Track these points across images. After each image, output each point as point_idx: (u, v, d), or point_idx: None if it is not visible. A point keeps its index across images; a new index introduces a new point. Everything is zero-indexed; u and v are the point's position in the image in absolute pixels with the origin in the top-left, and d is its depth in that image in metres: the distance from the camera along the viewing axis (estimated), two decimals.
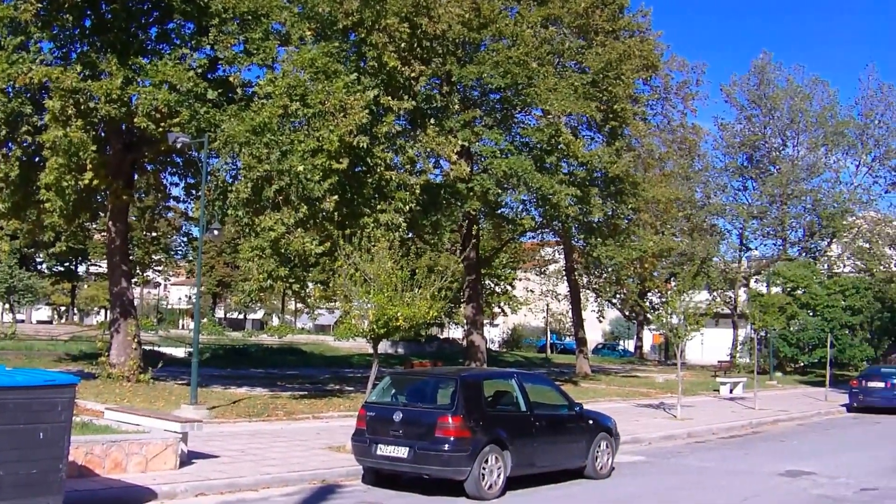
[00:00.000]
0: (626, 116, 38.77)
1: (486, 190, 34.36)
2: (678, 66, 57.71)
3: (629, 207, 41.46)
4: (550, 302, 79.02)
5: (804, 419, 33.49)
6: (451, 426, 14.83)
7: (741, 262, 68.49)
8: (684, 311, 30.71)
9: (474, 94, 37.54)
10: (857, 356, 57.41)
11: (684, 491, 17.11)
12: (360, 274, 21.46)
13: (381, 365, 26.66)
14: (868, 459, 22.30)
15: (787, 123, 65.29)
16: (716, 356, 71.84)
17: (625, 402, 34.51)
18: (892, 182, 66.22)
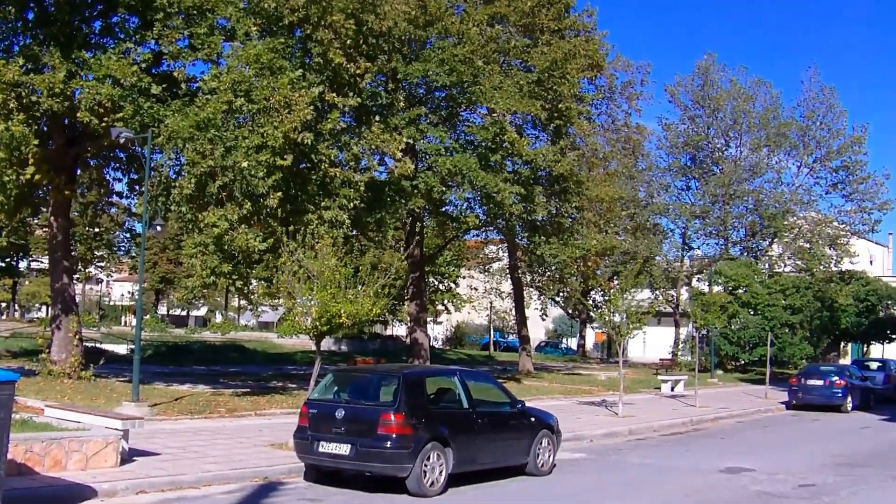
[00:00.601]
0: (571, 115, 38.97)
1: (430, 188, 34.42)
2: (623, 66, 58.13)
3: (573, 206, 41.70)
4: (494, 300, 79.24)
5: (744, 417, 33.88)
6: (393, 423, 14.86)
7: (683, 261, 68.97)
8: (626, 309, 30.92)
9: (420, 91, 37.58)
10: (796, 354, 58.15)
11: (625, 488, 17.25)
12: (303, 271, 21.42)
13: (325, 362, 26.63)
14: (806, 456, 22.61)
15: (730, 124, 65.76)
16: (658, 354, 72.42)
17: (567, 400, 34.68)
18: (833, 183, 66.89)
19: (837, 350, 78.26)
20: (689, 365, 54.39)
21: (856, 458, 22.50)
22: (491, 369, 45.06)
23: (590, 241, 45.73)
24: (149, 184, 25.99)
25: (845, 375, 38.49)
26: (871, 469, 20.65)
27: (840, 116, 65.25)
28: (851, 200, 65.93)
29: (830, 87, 65.97)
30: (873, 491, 17.60)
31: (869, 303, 68.77)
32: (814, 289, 60.95)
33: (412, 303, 42.86)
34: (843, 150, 64.60)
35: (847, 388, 37.35)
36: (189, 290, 30.38)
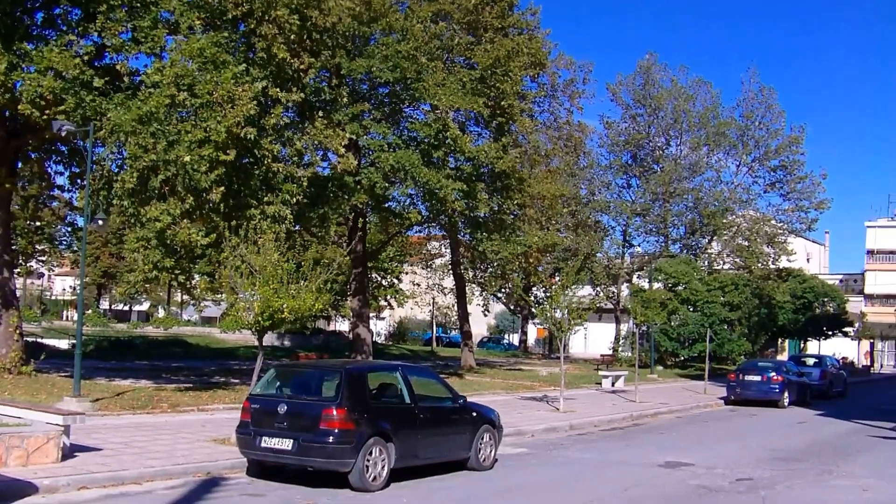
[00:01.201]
0: (514, 113, 39.13)
1: (373, 183, 34.43)
2: (565, 65, 58.50)
3: (515, 203, 41.87)
4: (436, 295, 79.31)
5: (683, 412, 34.26)
6: (335, 418, 14.92)
7: (624, 257, 69.45)
8: (568, 305, 31.14)
9: (363, 87, 37.56)
10: (735, 350, 58.85)
11: (566, 482, 17.43)
12: (245, 266, 21.40)
13: (268, 357, 26.59)
14: (743, 451, 22.99)
15: (670, 123, 66.41)
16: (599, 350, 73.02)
17: (509, 395, 34.84)
18: (771, 182, 67.81)
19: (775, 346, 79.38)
20: (629, 361, 54.86)
21: (792, 453, 22.87)
22: (433, 365, 45.12)
23: (531, 237, 45.95)
24: (90, 177, 25.74)
25: (782, 371, 39.11)
26: (807, 463, 21.01)
27: (778, 117, 66.34)
28: (789, 199, 66.98)
29: (769, 88, 67.02)
30: (808, 485, 17.93)
31: (806, 300, 69.93)
32: (752, 286, 61.78)
33: (355, 298, 42.81)
34: (781, 149, 65.61)
35: (784, 384, 37.96)
36: (131, 285, 30.27)
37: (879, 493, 17.18)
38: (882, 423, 31.72)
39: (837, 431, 29.48)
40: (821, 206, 66.23)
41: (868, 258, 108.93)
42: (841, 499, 16.58)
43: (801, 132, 66.08)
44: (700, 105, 66.21)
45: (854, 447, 24.98)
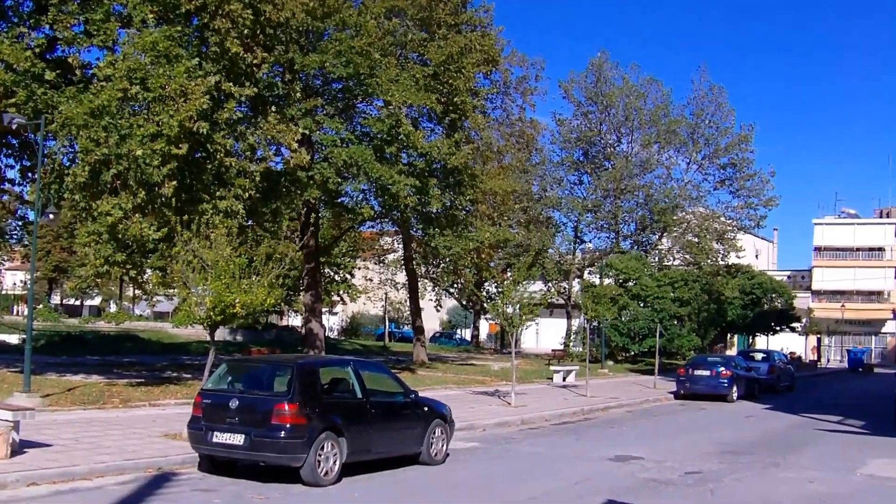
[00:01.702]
0: (466, 109, 39.24)
1: (326, 178, 34.40)
2: (518, 62, 58.70)
3: (467, 199, 41.98)
4: (389, 291, 79.33)
5: (634, 406, 34.52)
6: (287, 413, 14.95)
7: (575, 253, 69.80)
8: (519, 300, 31.31)
9: (316, 82, 37.53)
10: (684, 345, 59.39)
11: (517, 476, 17.55)
12: (197, 261, 21.34)
13: (220, 352, 26.59)
14: (693, 444, 23.24)
15: (621, 120, 66.84)
16: (550, 345, 73.28)
17: (460, 390, 34.96)
18: (721, 179, 68.45)
19: (724, 341, 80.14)
20: (580, 355, 55.14)
21: (740, 446, 23.15)
22: (385, 360, 45.20)
23: (483, 233, 46.08)
24: (41, 171, 25.55)
25: (731, 366, 39.51)
26: (755, 456, 21.29)
27: (728, 115, 67.16)
28: (738, 196, 67.66)
29: (719, 87, 67.74)
30: (756, 477, 18.16)
31: (754, 296, 70.67)
32: (701, 282, 62.35)
33: (307, 293, 42.76)
34: (730, 147, 66.34)
35: (733, 379, 38.35)
36: (82, 280, 30.03)
37: (825, 485, 17.44)
38: (828, 416, 32.20)
39: (785, 425, 29.89)
40: (769, 203, 67.02)
41: (815, 255, 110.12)
42: (787, 491, 16.78)
43: (750, 130, 66.94)
44: (651, 103, 66.83)
45: (801, 440, 25.35)
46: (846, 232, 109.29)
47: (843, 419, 31.50)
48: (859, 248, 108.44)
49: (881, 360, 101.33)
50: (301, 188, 33.94)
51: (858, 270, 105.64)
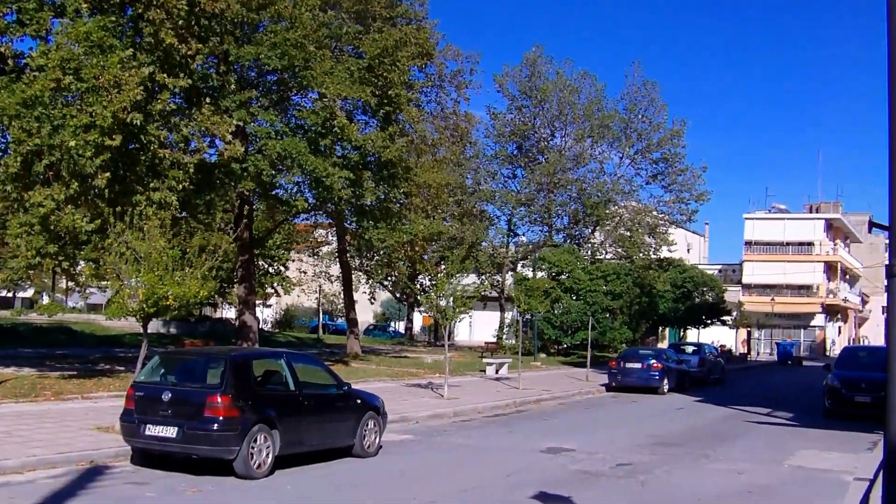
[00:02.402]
0: (401, 102, 39.26)
1: (260, 171, 34.26)
2: (453, 56, 58.89)
3: (401, 191, 42.05)
4: (323, 283, 79.19)
5: (566, 398, 34.81)
6: (219, 406, 14.99)
7: (509, 247, 70.11)
8: (453, 293, 31.51)
9: (251, 74, 37.34)
10: (616, 338, 59.90)
11: (449, 468, 17.73)
12: (130, 252, 21.30)
13: (153, 345, 26.49)
14: (624, 436, 23.56)
15: (555, 115, 67.24)
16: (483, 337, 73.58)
17: (394, 382, 35.04)
18: (653, 174, 69.18)
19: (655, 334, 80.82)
20: (513, 348, 55.48)
21: (671, 438, 23.52)
22: (319, 352, 45.15)
23: (417, 226, 46.21)
24: None
25: (662, 359, 40.00)
26: (685, 448, 21.65)
27: (661, 110, 67.79)
28: (670, 191, 68.43)
29: (652, 82, 68.36)
30: (686, 469, 18.49)
31: (685, 289, 71.43)
32: (633, 275, 62.84)
33: (241, 285, 42.57)
34: (662, 142, 67.00)
35: (664, 371, 38.84)
36: (14, 271, 29.81)
37: (754, 476, 17.81)
38: (757, 408, 32.71)
39: (715, 417, 30.34)
40: (701, 197, 67.85)
41: (746, 249, 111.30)
42: (717, 482, 17.11)
43: (682, 125, 67.70)
44: (585, 98, 67.29)
45: (731, 432, 25.79)
46: (776, 226, 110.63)
47: (772, 411, 32.02)
48: (789, 243, 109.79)
49: (810, 353, 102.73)
50: (235, 180, 33.80)
51: (788, 265, 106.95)
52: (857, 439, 24.21)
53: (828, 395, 30.80)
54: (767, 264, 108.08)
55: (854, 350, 42.74)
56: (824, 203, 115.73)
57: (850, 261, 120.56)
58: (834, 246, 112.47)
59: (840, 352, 44.24)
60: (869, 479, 16.38)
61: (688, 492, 16.01)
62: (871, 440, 23.46)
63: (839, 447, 22.75)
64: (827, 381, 31.23)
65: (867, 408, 28.66)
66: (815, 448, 22.44)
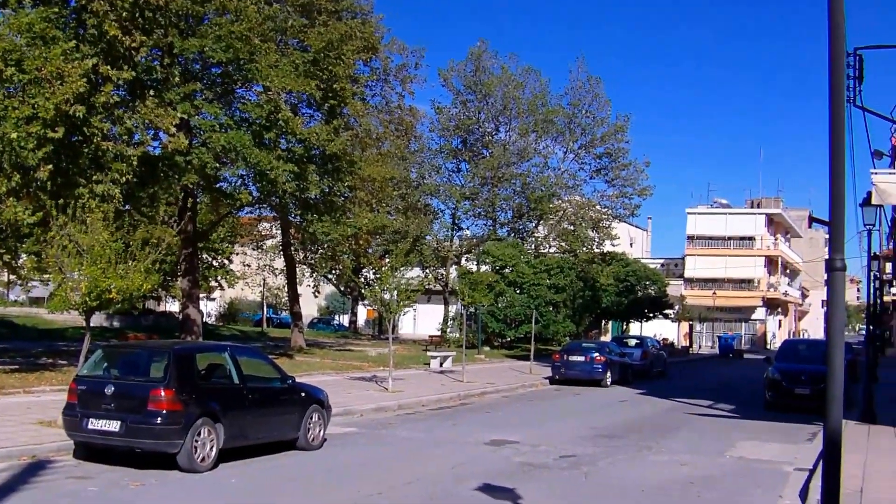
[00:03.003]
0: (346, 96, 39.18)
1: (204, 164, 34.10)
2: (398, 50, 58.78)
3: (345, 185, 41.96)
4: (267, 276, 78.91)
5: (510, 391, 35.02)
6: (163, 399, 14.96)
7: (453, 240, 70.31)
8: (397, 286, 31.60)
9: (196, 67, 37.11)
10: (560, 331, 60.28)
11: (394, 461, 17.79)
12: (73, 245, 21.18)
13: (96, 338, 26.32)
14: (567, 429, 23.72)
15: (500, 109, 67.49)
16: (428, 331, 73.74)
17: (338, 375, 35.09)
18: (597, 169, 69.73)
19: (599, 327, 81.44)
20: (457, 341, 55.62)
21: (613, 430, 23.74)
22: (263, 345, 45.06)
23: (361, 219, 46.20)
24: None
25: (605, 352, 40.28)
26: (627, 440, 21.88)
27: (604, 105, 68.32)
28: (613, 186, 69.02)
29: (596, 78, 68.85)
30: (629, 461, 18.66)
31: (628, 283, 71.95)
32: (577, 269, 63.32)
33: (185, 279, 42.34)
34: (606, 137, 67.50)
35: (607, 364, 39.12)
36: None
37: (695, 468, 18.01)
38: (699, 400, 33.07)
39: (657, 409, 30.64)
40: (643, 192, 68.51)
41: (688, 243, 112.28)
42: (659, 473, 17.29)
43: (625, 121, 68.31)
44: (529, 93, 67.61)
45: (673, 424, 26.07)
46: (718, 221, 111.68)
47: (713, 403, 32.42)
48: (731, 238, 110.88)
49: (751, 345, 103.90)
50: (179, 173, 33.61)
51: (730, 259, 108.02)
52: (797, 430, 24.60)
53: (768, 387, 31.25)
54: (709, 258, 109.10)
55: (794, 343, 43.32)
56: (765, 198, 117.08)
57: (791, 255, 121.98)
58: (775, 241, 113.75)
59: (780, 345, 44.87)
60: (808, 469, 16.74)
61: (630, 483, 16.16)
62: (811, 431, 23.88)
63: (780, 438, 23.10)
64: (767, 374, 31.68)
65: (807, 400, 29.15)
66: (755, 439, 22.77)
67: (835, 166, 9.87)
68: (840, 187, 9.94)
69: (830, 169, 9.90)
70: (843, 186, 9.96)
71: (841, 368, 9.74)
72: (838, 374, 9.70)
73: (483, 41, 68.03)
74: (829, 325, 10.06)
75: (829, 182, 9.93)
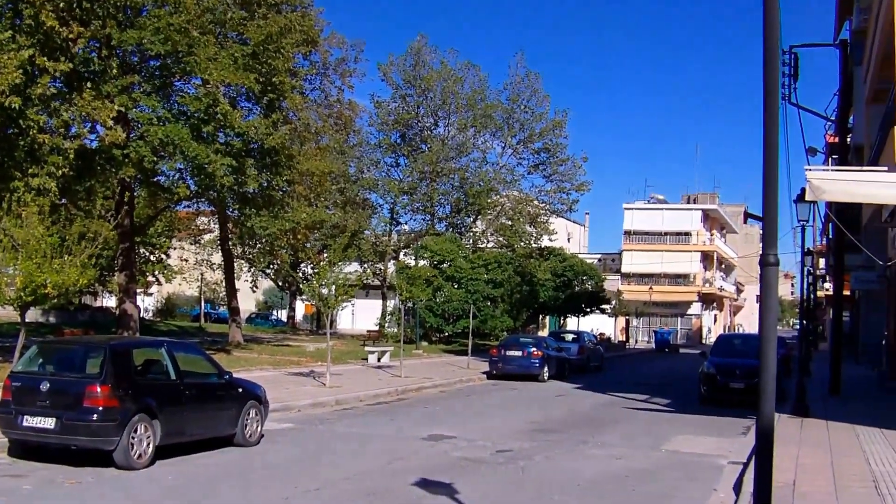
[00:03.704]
0: (285, 89, 39.05)
1: (141, 157, 33.87)
2: (337, 43, 58.83)
3: (284, 179, 41.85)
4: (205, 271, 78.46)
5: (447, 386, 35.07)
6: (99, 396, 14.83)
7: (391, 235, 70.33)
8: (335, 281, 31.57)
9: (134, 59, 36.85)
10: (497, 326, 60.40)
11: (332, 456, 17.78)
12: (8, 239, 20.98)
13: (32, 334, 26.05)
14: (504, 423, 23.85)
15: (439, 104, 67.63)
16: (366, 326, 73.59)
17: (276, 371, 34.93)
18: (535, 164, 70.08)
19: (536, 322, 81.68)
20: (395, 336, 55.65)
21: (550, 425, 23.87)
22: (201, 341, 44.79)
23: (300, 214, 46.16)
24: None
25: (542, 347, 40.49)
26: (564, 434, 22.00)
27: (543, 101, 68.72)
28: (551, 181, 69.39)
29: (535, 73, 69.26)
30: (565, 455, 18.78)
31: (566, 278, 72.34)
32: (515, 264, 63.52)
33: (122, 274, 41.97)
34: (544, 132, 67.83)
35: (544, 359, 39.33)
36: None
37: (631, 462, 18.16)
38: (635, 395, 33.38)
39: (594, 403, 30.83)
40: (581, 188, 68.96)
41: (625, 239, 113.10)
42: (595, 467, 17.41)
43: (564, 116, 68.73)
44: (468, 87, 67.90)
45: (609, 418, 26.25)
46: (655, 217, 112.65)
47: (649, 398, 32.71)
48: (667, 233, 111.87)
49: (686, 340, 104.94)
50: (116, 166, 33.34)
51: (666, 254, 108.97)
52: (731, 424, 24.87)
53: (703, 381, 31.54)
54: (646, 254, 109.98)
55: (729, 338, 43.73)
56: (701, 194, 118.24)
57: (726, 250, 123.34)
58: (710, 236, 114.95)
59: (715, 339, 45.34)
60: (742, 462, 16.97)
61: (566, 477, 16.26)
62: (745, 425, 24.15)
63: (714, 432, 23.34)
64: (702, 368, 31.99)
65: (741, 394, 29.46)
66: (691, 433, 22.99)
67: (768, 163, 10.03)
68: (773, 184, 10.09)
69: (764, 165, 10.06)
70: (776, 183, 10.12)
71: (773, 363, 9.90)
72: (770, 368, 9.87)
73: (423, 36, 68.15)
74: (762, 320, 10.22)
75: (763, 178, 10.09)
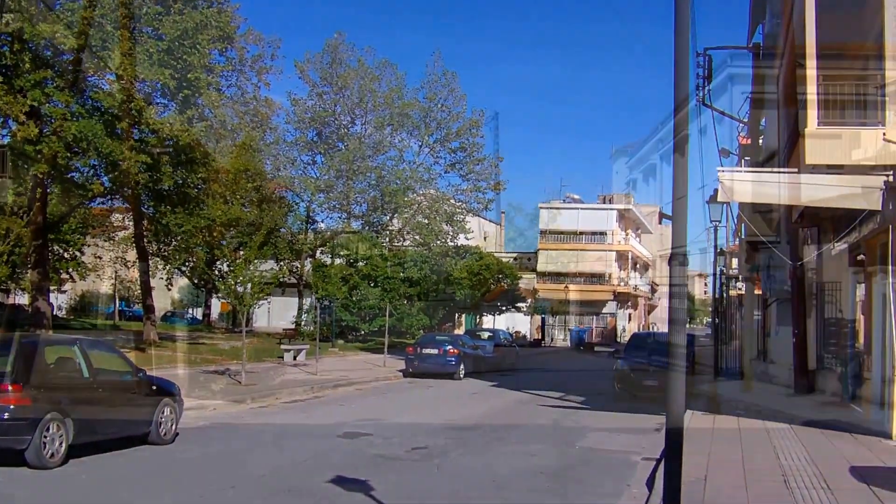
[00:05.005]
0: (200, 86, 38.85)
1: (55, 153, 33.50)
2: (254, 40, 58.27)
3: (199, 176, 41.62)
4: (119, 269, 77.58)
5: (363, 384, 35.15)
6: (9, 394, 14.67)
7: (307, 233, 70.15)
8: (251, 279, 31.51)
9: (47, 53, 36.40)
10: (414, 325, 60.59)
11: (247, 454, 17.81)
12: None
13: None
14: (420, 421, 24.03)
15: (356, 102, 67.62)
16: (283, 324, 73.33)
17: (191, 369, 34.76)
18: (452, 163, 70.30)
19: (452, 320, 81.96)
20: (311, 335, 55.57)
21: (465, 422, 23.97)
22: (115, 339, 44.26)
23: (215, 211, 45.86)
24: None
25: (458, 345, 40.76)
26: (479, 431, 22.17)
27: (460, 100, 68.98)
28: (468, 180, 69.70)
29: (452, 73, 69.51)
30: (480, 452, 18.92)
31: (482, 276, 72.74)
32: (431, 262, 63.75)
33: (35, 271, 41.40)
34: (461, 132, 68.16)
35: (460, 357, 39.59)
36: None
37: (545, 458, 18.34)
38: (550, 392, 33.68)
39: (509, 401, 31.06)
40: (497, 187, 69.52)
41: (541, 238, 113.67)
42: (510, 464, 17.57)
43: (480, 116, 69.13)
44: (385, 86, 67.98)
45: (524, 415, 26.52)
46: (571, 216, 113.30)
47: (564, 395, 33.00)
48: (583, 232, 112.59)
49: (602, 338, 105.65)
50: (29, 162, 32.95)
51: (582, 253, 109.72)
52: (644, 421, 25.20)
53: (617, 379, 32.00)
54: (562, 253, 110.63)
55: (643, 336, 44.25)
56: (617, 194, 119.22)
57: (641, 250, 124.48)
58: (625, 236, 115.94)
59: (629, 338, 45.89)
60: (656, 458, 17.27)
61: (481, 474, 16.40)
62: (659, 422, 24.40)
63: (628, 429, 23.72)
64: (617, 366, 32.45)
65: (655, 391, 29.83)
66: (605, 430, 23.29)
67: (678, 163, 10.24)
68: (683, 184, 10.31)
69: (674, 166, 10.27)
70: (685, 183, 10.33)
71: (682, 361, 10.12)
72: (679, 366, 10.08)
73: (340, 33, 68.32)
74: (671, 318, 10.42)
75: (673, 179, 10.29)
